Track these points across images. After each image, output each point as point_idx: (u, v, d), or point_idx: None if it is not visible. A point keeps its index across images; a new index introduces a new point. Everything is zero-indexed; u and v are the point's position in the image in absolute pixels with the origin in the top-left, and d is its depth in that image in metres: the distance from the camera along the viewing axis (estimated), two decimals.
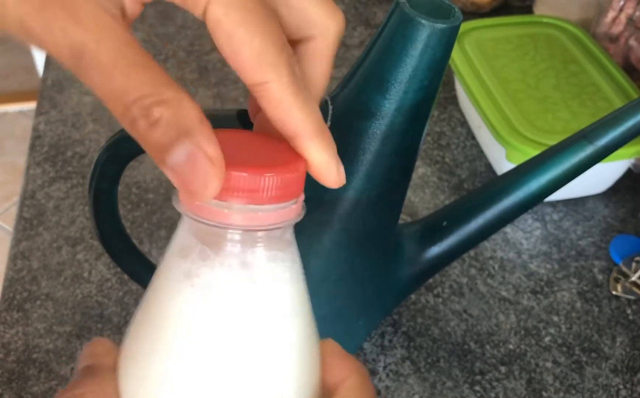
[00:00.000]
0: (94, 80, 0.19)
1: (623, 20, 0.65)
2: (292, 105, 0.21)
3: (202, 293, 0.22)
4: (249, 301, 0.22)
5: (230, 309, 0.22)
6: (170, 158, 0.19)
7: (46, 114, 0.66)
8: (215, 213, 0.21)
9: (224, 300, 0.22)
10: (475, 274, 0.52)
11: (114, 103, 0.19)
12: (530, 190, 0.41)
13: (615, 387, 0.46)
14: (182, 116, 0.19)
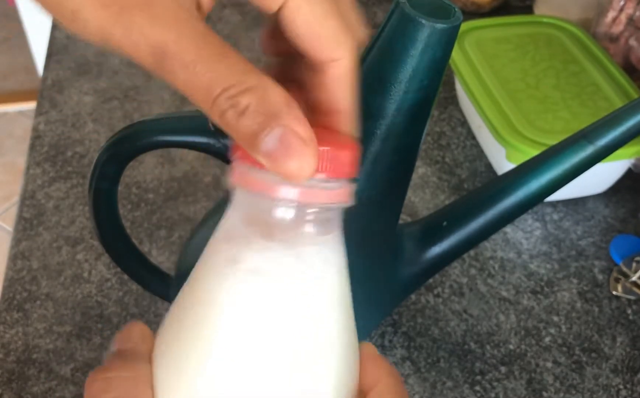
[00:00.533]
0: (179, 78, 0.20)
1: (623, 20, 0.65)
2: (352, 83, 0.23)
3: (249, 279, 0.21)
4: (299, 287, 0.22)
5: (280, 296, 0.21)
6: (263, 144, 0.19)
7: (46, 114, 0.66)
8: (274, 187, 0.20)
9: (273, 285, 0.21)
10: (475, 274, 0.52)
11: (200, 98, 0.20)
12: (530, 190, 0.41)
13: (615, 387, 0.46)
14: (269, 101, 0.19)
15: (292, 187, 0.20)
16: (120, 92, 0.69)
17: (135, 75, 0.71)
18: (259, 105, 0.19)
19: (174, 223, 0.55)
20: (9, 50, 2.07)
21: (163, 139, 0.37)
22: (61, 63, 0.72)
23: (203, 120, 0.37)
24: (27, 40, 1.81)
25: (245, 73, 0.19)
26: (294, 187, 0.20)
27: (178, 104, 0.67)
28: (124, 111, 0.66)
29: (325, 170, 0.21)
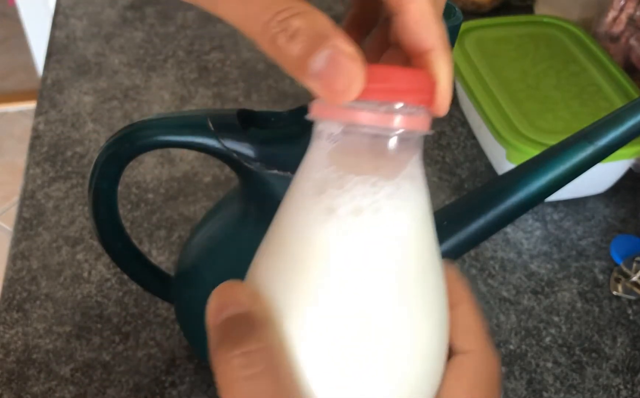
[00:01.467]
0: (231, 10, 0.20)
1: (624, 20, 0.65)
2: (432, 20, 0.23)
3: (350, 221, 0.21)
4: (397, 214, 0.22)
5: (382, 227, 0.22)
6: (313, 65, 0.19)
7: (46, 113, 0.66)
8: (370, 115, 0.21)
9: (375, 220, 0.22)
10: (475, 274, 0.52)
11: (252, 26, 0.20)
12: (530, 190, 0.40)
13: (615, 387, 0.46)
14: (318, 24, 0.20)
15: (392, 115, 0.21)
16: (120, 92, 0.69)
17: (135, 75, 0.71)
18: (308, 27, 0.20)
19: (173, 224, 0.55)
20: (9, 50, 2.07)
21: (163, 139, 0.37)
22: (61, 63, 0.72)
23: (203, 120, 0.37)
24: (27, 40, 1.81)
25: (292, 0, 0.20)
26: (385, 114, 0.21)
27: (178, 104, 0.67)
28: (123, 111, 0.66)
29: (406, 97, 0.21)
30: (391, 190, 0.22)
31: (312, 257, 0.22)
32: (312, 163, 0.23)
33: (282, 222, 0.23)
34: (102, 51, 0.74)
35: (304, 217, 0.22)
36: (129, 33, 0.77)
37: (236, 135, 0.37)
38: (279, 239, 0.23)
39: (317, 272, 0.22)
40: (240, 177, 0.40)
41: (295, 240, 0.22)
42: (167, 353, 0.47)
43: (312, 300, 0.22)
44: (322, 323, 0.22)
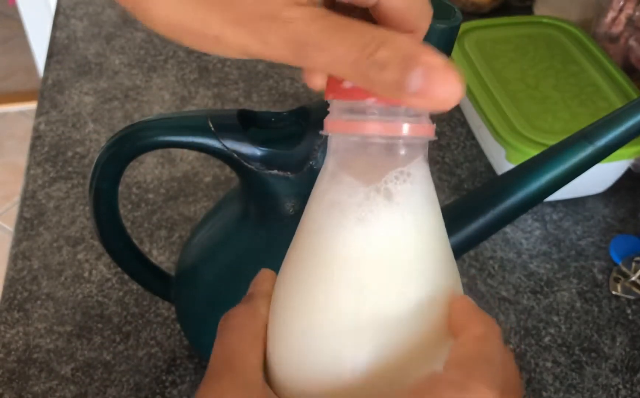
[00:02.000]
0: (318, 61, 0.21)
1: (623, 21, 0.65)
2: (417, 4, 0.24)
3: (371, 230, 0.23)
4: (413, 208, 0.24)
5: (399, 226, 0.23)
6: (410, 86, 0.20)
7: (46, 114, 0.66)
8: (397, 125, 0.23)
9: (389, 221, 0.23)
10: (475, 274, 0.52)
11: (341, 68, 0.21)
12: (530, 190, 0.41)
13: (615, 387, 0.46)
14: (402, 47, 0.21)
15: (390, 123, 0.22)
16: (121, 92, 0.69)
17: (136, 75, 0.71)
18: (395, 53, 0.20)
19: (174, 223, 0.55)
20: (10, 51, 2.07)
21: (163, 139, 0.37)
22: (62, 63, 0.72)
23: (203, 120, 0.37)
24: (27, 41, 1.81)
25: (370, 32, 0.21)
26: (392, 123, 0.22)
27: (178, 104, 0.68)
28: (124, 111, 0.66)
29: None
30: (403, 189, 0.24)
31: (325, 257, 0.24)
32: (327, 177, 0.24)
33: (302, 234, 0.25)
34: (102, 51, 0.74)
35: (323, 226, 0.24)
36: (129, 33, 0.77)
37: (236, 136, 0.37)
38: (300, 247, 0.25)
39: (319, 268, 0.24)
40: (240, 177, 0.40)
41: (312, 236, 0.25)
42: (167, 352, 0.47)
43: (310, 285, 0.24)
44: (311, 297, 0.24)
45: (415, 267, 0.24)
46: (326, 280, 0.24)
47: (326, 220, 0.24)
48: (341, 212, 0.24)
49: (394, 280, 0.24)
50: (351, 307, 0.23)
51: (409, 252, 0.24)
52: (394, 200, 0.24)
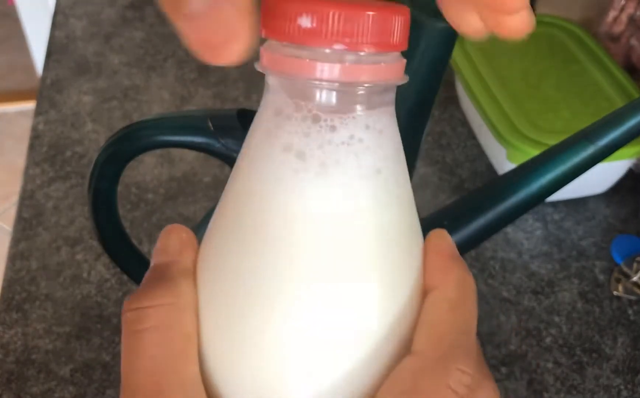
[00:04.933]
0: None
1: (624, 20, 0.64)
2: None
3: (315, 180, 0.19)
4: (359, 173, 0.19)
5: (345, 187, 0.19)
6: (188, 3, 0.15)
7: (45, 113, 0.66)
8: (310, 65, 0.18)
9: (337, 179, 0.19)
10: (476, 274, 0.52)
11: None
12: (531, 190, 0.40)
13: (616, 388, 0.46)
14: None
15: (335, 64, 0.18)
16: (120, 91, 0.69)
17: (135, 75, 0.71)
18: None
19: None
20: (8, 50, 2.07)
21: (163, 139, 0.37)
22: (60, 63, 0.72)
23: (203, 120, 0.37)
24: (26, 40, 1.81)
25: None
26: (336, 64, 0.18)
27: (178, 104, 0.67)
28: (123, 111, 0.66)
29: (370, 41, 0.18)
30: (339, 143, 0.19)
31: (260, 211, 0.19)
32: (261, 113, 0.20)
33: (238, 176, 0.21)
34: (101, 51, 0.74)
35: (263, 169, 0.20)
36: (128, 33, 0.77)
37: (236, 135, 0.37)
38: (232, 194, 0.21)
39: (269, 225, 0.19)
40: None
41: (243, 185, 0.20)
42: None
43: (261, 262, 0.19)
44: (260, 285, 0.19)
45: (395, 237, 0.20)
46: (284, 246, 0.19)
47: (275, 167, 0.19)
48: (298, 156, 0.19)
49: (368, 249, 0.20)
50: (319, 286, 0.19)
51: (389, 220, 0.20)
52: (365, 145, 0.20)
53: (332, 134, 0.19)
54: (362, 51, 0.18)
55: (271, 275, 0.19)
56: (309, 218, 0.19)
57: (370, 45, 0.18)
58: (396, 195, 0.21)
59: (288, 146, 0.19)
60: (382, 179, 0.20)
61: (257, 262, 0.19)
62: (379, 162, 0.20)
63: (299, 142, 0.19)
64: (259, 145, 0.20)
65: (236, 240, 0.19)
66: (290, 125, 0.19)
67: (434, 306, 0.21)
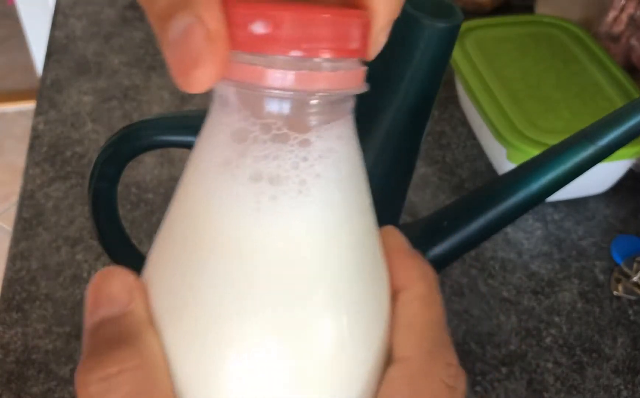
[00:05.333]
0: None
1: (624, 20, 0.64)
2: None
3: (263, 201, 0.18)
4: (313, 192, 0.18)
5: (305, 219, 0.18)
6: (168, 32, 0.16)
7: (45, 113, 0.66)
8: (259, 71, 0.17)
9: (289, 198, 0.18)
10: (475, 274, 0.52)
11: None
12: (531, 190, 0.40)
13: (616, 388, 0.46)
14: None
15: (286, 72, 0.17)
16: (120, 91, 0.69)
17: (135, 74, 0.71)
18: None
19: None
20: (8, 50, 2.07)
21: (163, 138, 0.37)
22: (60, 63, 0.72)
23: (203, 119, 0.37)
24: (26, 40, 1.81)
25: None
26: (288, 72, 0.17)
27: (178, 104, 0.67)
28: (123, 111, 0.66)
29: (327, 47, 0.17)
30: (316, 157, 0.18)
31: (218, 236, 0.18)
32: (215, 134, 0.19)
33: (182, 197, 0.19)
34: (101, 51, 0.74)
35: (209, 192, 0.18)
36: (128, 33, 0.77)
37: None
38: (177, 216, 0.19)
39: (224, 252, 0.18)
40: None
41: (194, 215, 0.18)
42: None
43: (215, 297, 0.18)
44: (225, 325, 0.18)
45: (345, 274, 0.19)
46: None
47: (247, 201, 0.18)
48: (272, 182, 0.18)
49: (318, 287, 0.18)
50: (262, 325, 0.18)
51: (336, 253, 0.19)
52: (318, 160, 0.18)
53: (306, 150, 0.18)
54: (321, 57, 0.17)
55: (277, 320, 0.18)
56: (292, 243, 0.18)
57: (330, 51, 0.17)
58: (369, 202, 0.20)
59: (257, 175, 0.18)
60: (356, 187, 0.19)
61: (247, 310, 0.18)
62: (354, 170, 0.19)
63: (270, 166, 0.18)
64: (219, 179, 0.18)
65: (211, 292, 0.18)
66: (256, 150, 0.18)
67: (407, 307, 0.21)
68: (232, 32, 0.16)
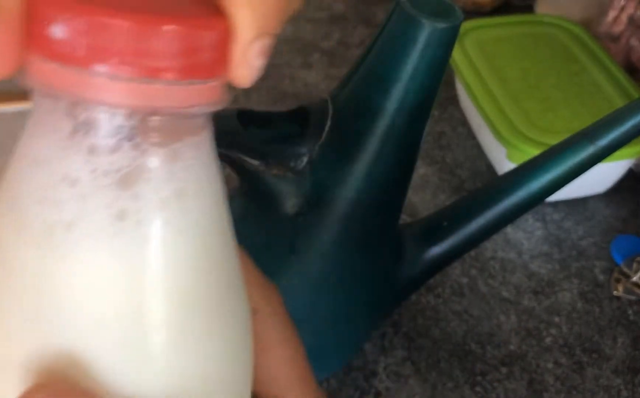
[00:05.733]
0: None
1: (624, 20, 0.65)
2: None
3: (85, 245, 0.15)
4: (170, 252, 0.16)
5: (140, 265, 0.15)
6: None
7: None
8: (89, 84, 0.14)
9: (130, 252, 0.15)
10: (475, 274, 0.52)
11: None
12: (531, 190, 0.40)
13: (616, 388, 0.46)
14: None
15: (118, 83, 0.14)
16: None
17: None
18: None
19: None
20: None
21: None
22: None
23: None
24: None
25: None
26: (120, 83, 0.14)
27: None
28: None
29: (168, 70, 0.14)
30: (158, 190, 0.15)
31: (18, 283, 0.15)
32: (28, 148, 0.16)
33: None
34: None
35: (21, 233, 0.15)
36: None
37: (236, 135, 0.37)
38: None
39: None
40: (239, 177, 0.39)
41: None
42: None
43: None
44: None
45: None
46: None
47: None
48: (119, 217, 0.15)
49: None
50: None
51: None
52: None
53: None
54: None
55: None
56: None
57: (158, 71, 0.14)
58: (225, 225, 0.18)
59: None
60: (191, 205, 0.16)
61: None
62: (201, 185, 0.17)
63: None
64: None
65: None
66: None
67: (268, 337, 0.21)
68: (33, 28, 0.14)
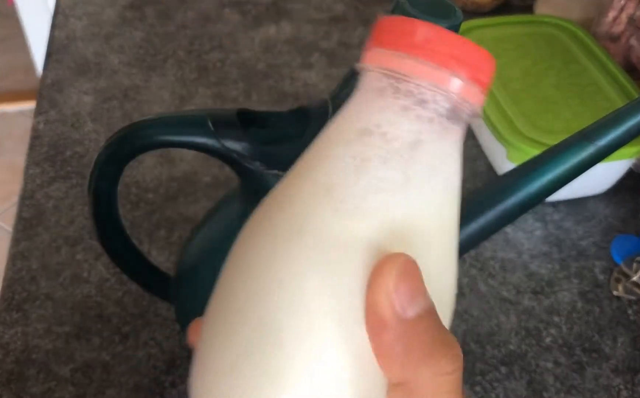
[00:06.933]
0: None
1: (624, 20, 0.65)
2: None
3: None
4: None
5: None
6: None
7: (45, 113, 0.66)
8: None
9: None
10: (475, 274, 0.52)
11: None
12: (531, 190, 0.40)
13: (616, 388, 0.46)
14: None
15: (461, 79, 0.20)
16: (120, 91, 0.69)
17: (135, 75, 0.71)
18: None
19: (173, 224, 0.55)
20: (8, 50, 2.07)
21: (163, 138, 0.37)
22: (60, 62, 0.72)
23: (203, 120, 0.37)
24: (26, 40, 1.81)
25: None
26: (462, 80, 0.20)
27: (178, 104, 0.67)
28: (123, 111, 0.66)
29: (475, 74, 0.20)
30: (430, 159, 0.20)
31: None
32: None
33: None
34: (101, 51, 0.74)
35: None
36: (128, 33, 0.77)
37: (236, 135, 0.37)
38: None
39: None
40: (240, 177, 0.39)
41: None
42: (167, 353, 0.47)
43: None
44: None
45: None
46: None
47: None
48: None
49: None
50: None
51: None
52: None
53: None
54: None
55: None
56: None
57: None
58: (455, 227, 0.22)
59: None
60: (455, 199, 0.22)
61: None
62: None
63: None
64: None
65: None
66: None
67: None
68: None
